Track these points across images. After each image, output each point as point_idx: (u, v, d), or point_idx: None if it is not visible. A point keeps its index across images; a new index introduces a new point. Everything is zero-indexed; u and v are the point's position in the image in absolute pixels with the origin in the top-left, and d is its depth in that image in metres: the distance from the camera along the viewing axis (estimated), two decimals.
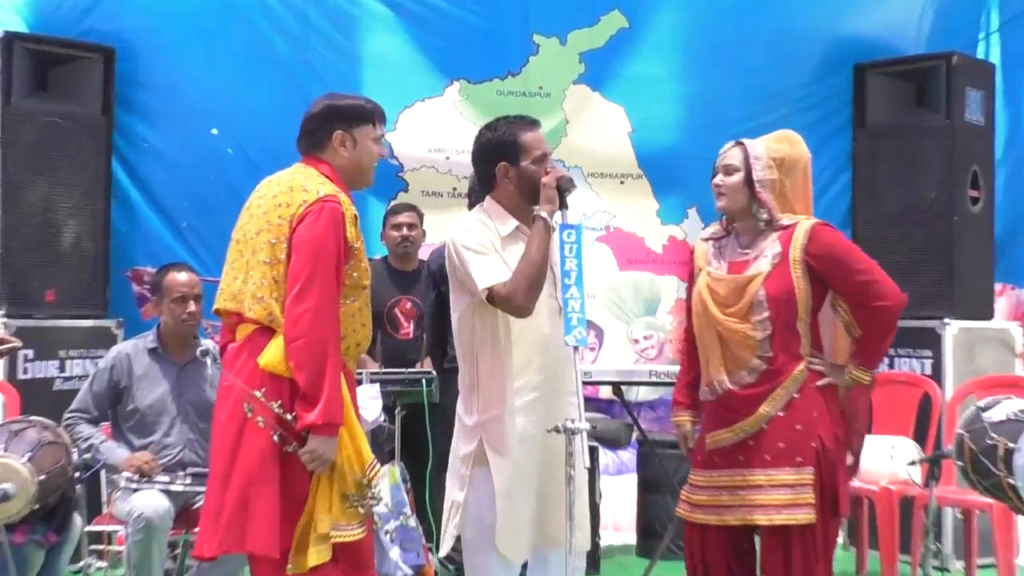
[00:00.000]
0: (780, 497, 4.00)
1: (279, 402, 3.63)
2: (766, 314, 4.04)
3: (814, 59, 7.46)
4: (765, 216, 4.12)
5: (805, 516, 3.99)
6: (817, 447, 4.02)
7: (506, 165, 4.03)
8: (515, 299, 3.86)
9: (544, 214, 3.93)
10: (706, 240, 4.29)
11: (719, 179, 4.18)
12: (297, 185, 3.77)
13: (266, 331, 3.72)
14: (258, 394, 3.63)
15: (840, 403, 4.13)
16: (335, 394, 3.64)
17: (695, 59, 7.53)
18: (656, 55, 7.52)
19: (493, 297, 3.89)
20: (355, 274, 3.81)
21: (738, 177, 4.14)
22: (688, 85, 7.50)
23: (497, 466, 3.96)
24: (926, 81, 7.04)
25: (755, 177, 4.12)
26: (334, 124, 3.87)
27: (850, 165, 7.37)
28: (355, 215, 3.79)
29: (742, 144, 4.19)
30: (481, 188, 4.16)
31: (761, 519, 4.02)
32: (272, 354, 3.67)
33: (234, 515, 3.65)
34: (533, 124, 4.10)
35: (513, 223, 4.04)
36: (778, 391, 4.05)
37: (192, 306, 5.15)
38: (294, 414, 3.63)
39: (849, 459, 4.12)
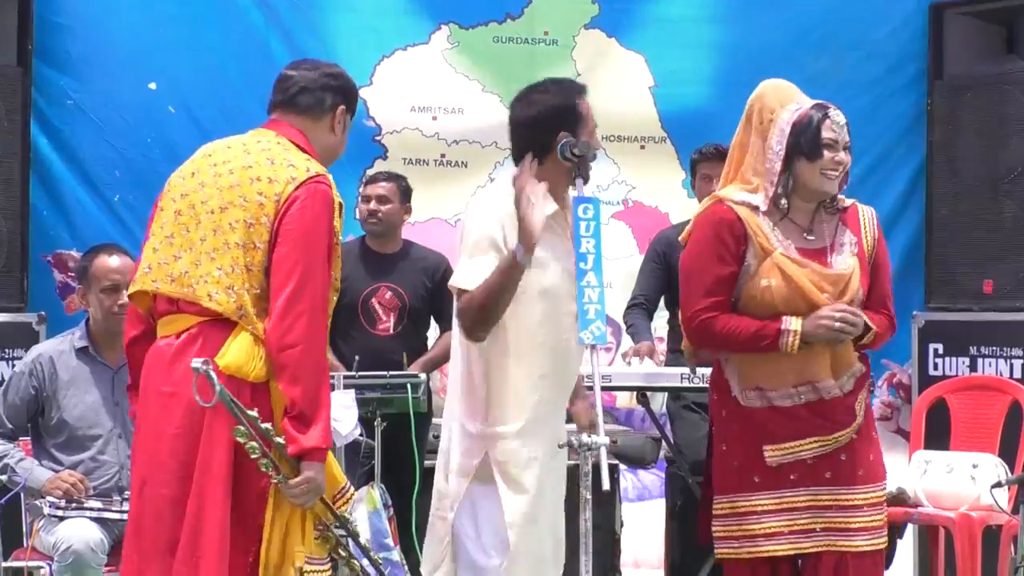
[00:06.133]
0: (877, 518, 4.16)
1: (270, 424, 3.67)
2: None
3: None
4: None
5: (884, 540, 4.20)
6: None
7: (569, 136, 4.06)
8: (463, 318, 3.97)
9: (519, 253, 3.88)
10: (752, 209, 4.25)
11: (843, 156, 4.25)
12: (279, 158, 3.81)
13: (221, 324, 3.73)
14: (254, 414, 3.64)
15: None
16: (330, 412, 3.73)
17: None
18: None
19: (459, 301, 3.98)
20: (334, 273, 3.86)
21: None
22: (723, 29, 7.53)
23: (509, 492, 4.01)
24: (1018, 23, 7.06)
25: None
26: (339, 99, 3.99)
27: (924, 125, 7.34)
28: (341, 203, 3.86)
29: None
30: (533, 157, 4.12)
31: (864, 544, 4.14)
32: (236, 353, 3.69)
33: (187, 548, 3.69)
34: (584, 91, 4.20)
35: (553, 206, 4.07)
36: (862, 394, 4.22)
37: (125, 297, 5.15)
38: (282, 436, 3.67)
39: None
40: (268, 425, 3.65)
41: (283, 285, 3.68)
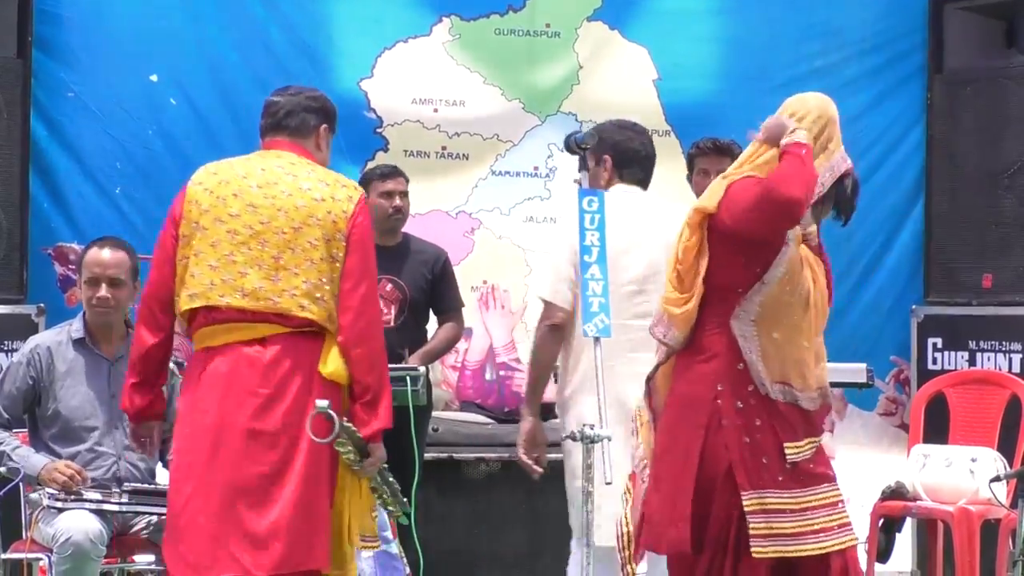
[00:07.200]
0: (846, 514, 4.13)
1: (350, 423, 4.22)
2: None
3: None
4: None
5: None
6: None
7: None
8: None
9: None
10: None
11: None
12: (330, 178, 4.37)
13: (306, 332, 4.24)
14: (350, 426, 4.20)
15: None
16: (390, 394, 4.37)
17: None
18: None
19: None
20: None
21: None
22: (727, 22, 7.52)
23: None
24: (1018, 18, 7.07)
25: None
26: (321, 117, 4.50)
27: (924, 119, 7.39)
28: None
29: None
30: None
31: (849, 540, 4.12)
32: (336, 362, 4.23)
33: (300, 532, 4.18)
34: None
35: None
36: None
37: (104, 290, 5.16)
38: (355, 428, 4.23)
39: None
40: (353, 427, 4.21)
41: (356, 288, 4.26)
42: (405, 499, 4.70)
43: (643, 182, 5.21)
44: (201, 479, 4.21)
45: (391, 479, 4.53)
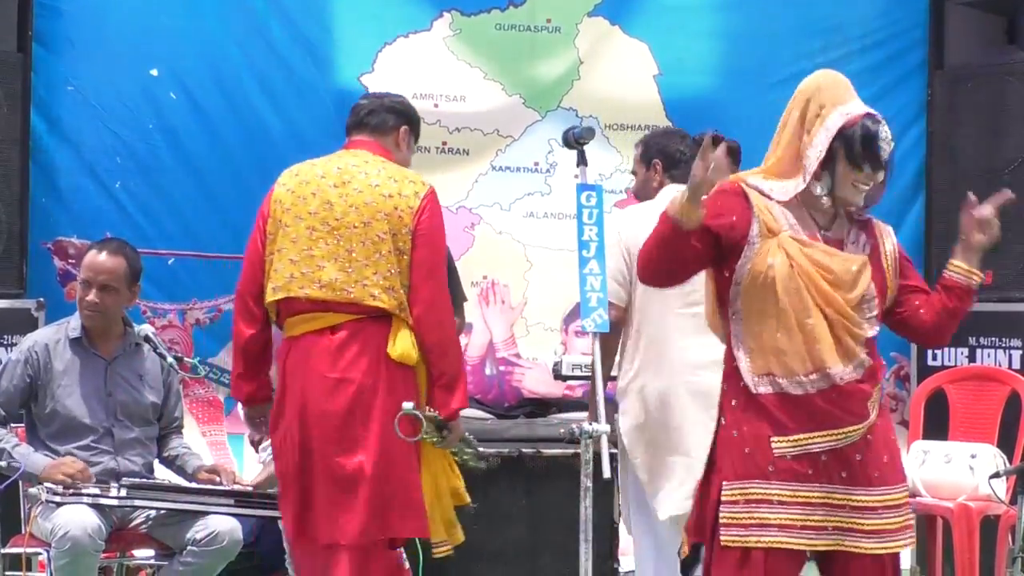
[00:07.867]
0: (894, 521, 4.00)
1: (428, 408, 4.55)
2: (876, 311, 4.05)
3: None
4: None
5: (911, 540, 4.05)
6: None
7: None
8: None
9: None
10: (762, 195, 4.07)
11: (880, 174, 4.09)
12: (399, 175, 4.64)
13: (375, 319, 4.53)
14: (434, 413, 4.54)
15: None
16: (466, 378, 4.76)
17: None
18: None
19: None
20: None
21: None
22: (728, 17, 7.54)
23: None
24: (1019, 14, 7.07)
25: None
26: (402, 120, 4.81)
27: (924, 115, 7.44)
28: None
29: None
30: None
31: (875, 548, 3.98)
32: (404, 344, 4.53)
33: (380, 500, 4.52)
34: None
35: None
36: (876, 391, 4.03)
37: (94, 295, 5.16)
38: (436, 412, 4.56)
39: None
40: (434, 413, 4.55)
41: (428, 279, 4.58)
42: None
43: None
44: (300, 459, 4.56)
45: (468, 435, 4.79)
